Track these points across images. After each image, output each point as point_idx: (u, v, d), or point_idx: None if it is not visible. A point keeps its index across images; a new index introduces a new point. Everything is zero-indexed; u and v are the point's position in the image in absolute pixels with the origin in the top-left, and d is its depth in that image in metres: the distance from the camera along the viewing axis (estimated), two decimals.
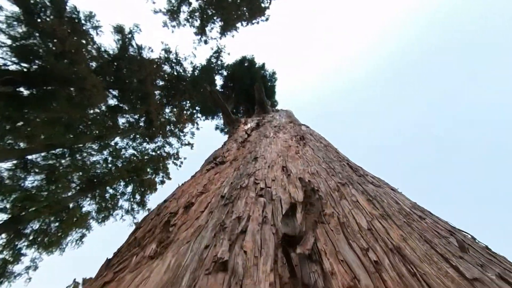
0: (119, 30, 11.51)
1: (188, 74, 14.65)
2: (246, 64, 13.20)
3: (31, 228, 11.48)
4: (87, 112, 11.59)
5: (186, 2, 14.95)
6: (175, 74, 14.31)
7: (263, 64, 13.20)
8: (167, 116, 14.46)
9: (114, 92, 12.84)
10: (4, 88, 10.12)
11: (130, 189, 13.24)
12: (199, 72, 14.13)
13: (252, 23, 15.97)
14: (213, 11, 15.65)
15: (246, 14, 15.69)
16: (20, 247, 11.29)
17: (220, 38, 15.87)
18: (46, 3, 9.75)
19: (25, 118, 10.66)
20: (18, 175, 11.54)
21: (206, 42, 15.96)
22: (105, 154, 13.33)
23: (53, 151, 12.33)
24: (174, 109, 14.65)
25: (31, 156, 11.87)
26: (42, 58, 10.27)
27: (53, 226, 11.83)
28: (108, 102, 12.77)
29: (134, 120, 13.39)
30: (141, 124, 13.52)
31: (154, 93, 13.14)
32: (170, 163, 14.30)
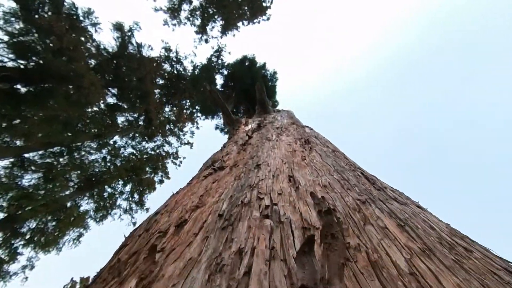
0: (118, 27, 11.17)
1: (189, 73, 14.32)
2: (247, 63, 12.87)
3: (27, 227, 11.19)
4: (85, 110, 11.27)
5: (187, 1, 14.62)
6: (175, 72, 13.99)
7: (264, 64, 12.88)
8: (167, 115, 14.15)
9: (113, 90, 12.51)
10: (0, 85, 9.81)
11: (128, 188, 12.95)
12: (199, 71, 13.81)
13: (253, 23, 15.66)
14: (214, 10, 15.34)
15: (247, 13, 15.39)
16: (17, 246, 11.00)
17: (221, 37, 15.57)
18: None
19: (22, 115, 10.35)
20: (15, 173, 11.24)
21: (206, 41, 15.65)
22: (103, 152, 13.02)
23: (51, 150, 12.02)
24: (174, 108, 14.33)
25: (29, 155, 11.56)
26: (40, 55, 9.95)
27: (50, 225, 11.53)
28: (107, 101, 12.46)
29: (133, 119, 13.08)
30: (140, 123, 13.21)
31: (154, 91, 12.82)
32: (169, 163, 14.01)
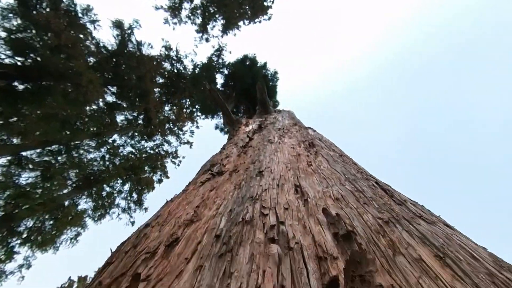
0: (118, 25, 10.90)
1: (189, 72, 14.07)
2: (247, 63, 12.62)
3: (24, 225, 10.94)
4: (84, 108, 11.01)
5: None
6: (176, 71, 13.74)
7: (265, 63, 12.63)
8: (167, 114, 13.89)
9: (113, 88, 12.25)
10: None
11: (127, 187, 12.70)
12: (199, 70, 13.55)
13: (254, 22, 15.41)
14: (215, 9, 15.08)
15: (248, 12, 15.14)
16: (13, 245, 10.75)
17: (221, 36, 15.32)
18: None
19: (19, 113, 10.09)
20: (12, 171, 10.99)
21: (207, 40, 15.39)
22: (102, 151, 12.77)
23: (49, 148, 11.77)
24: (173, 107, 14.07)
25: (26, 153, 11.30)
26: (38, 51, 9.68)
27: (47, 224, 11.28)
28: (106, 99, 12.19)
29: (132, 118, 12.82)
30: (139, 121, 12.95)
31: (154, 90, 12.56)
32: (168, 162, 13.75)
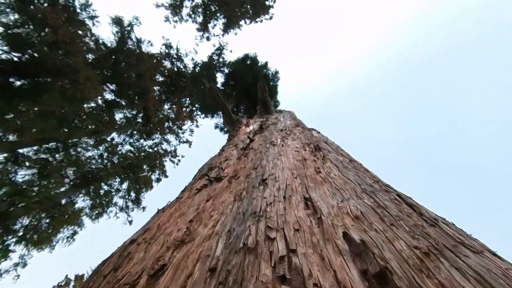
0: (117, 21, 10.60)
1: (189, 71, 13.78)
2: (248, 62, 12.33)
3: (20, 224, 10.66)
4: (82, 106, 10.71)
5: None
6: (176, 70, 13.44)
7: (266, 63, 12.34)
8: (166, 113, 13.60)
9: (112, 86, 11.95)
10: None
11: (125, 186, 12.42)
12: (200, 68, 13.25)
13: (255, 21, 15.15)
14: (216, 8, 14.80)
15: (249, 12, 14.88)
16: (8, 243, 10.47)
17: (222, 35, 15.05)
18: None
19: (15, 110, 9.79)
20: (9, 168, 10.70)
21: (208, 39, 15.11)
22: (100, 149, 12.48)
23: (46, 145, 11.47)
24: (173, 105, 13.78)
25: (23, 150, 11.01)
26: (35, 47, 9.37)
27: (43, 222, 11.00)
28: (105, 97, 11.89)
29: (131, 116, 12.53)
30: (138, 120, 12.66)
31: (153, 88, 12.27)
32: (167, 161, 13.48)
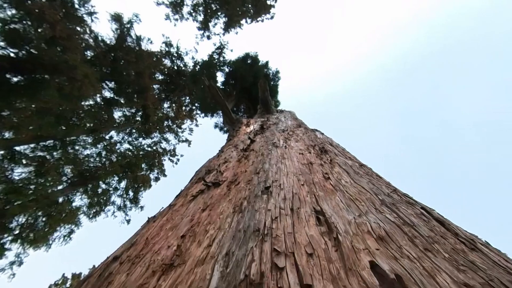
0: (117, 18, 10.35)
1: (189, 69, 13.53)
2: (249, 61, 12.09)
3: (16, 222, 10.41)
4: (79, 103, 10.46)
5: None
6: (176, 68, 13.20)
7: (267, 62, 12.12)
8: (165, 111, 13.36)
9: (110, 84, 11.69)
10: None
11: (123, 184, 12.18)
12: (200, 67, 13.01)
13: (257, 21, 14.93)
14: (217, 6, 14.56)
15: (251, 11, 14.66)
16: (4, 241, 10.23)
17: (223, 34, 14.82)
18: None
19: (12, 106, 9.53)
20: (5, 166, 10.45)
21: (209, 38, 14.87)
22: (99, 147, 12.23)
23: (43, 143, 11.22)
24: (172, 104, 13.54)
25: (20, 147, 10.76)
26: (32, 43, 9.11)
27: (40, 220, 10.76)
28: (103, 94, 11.64)
29: (130, 114, 12.29)
30: (137, 118, 12.42)
31: (152, 87, 12.02)
32: (166, 160, 13.25)
